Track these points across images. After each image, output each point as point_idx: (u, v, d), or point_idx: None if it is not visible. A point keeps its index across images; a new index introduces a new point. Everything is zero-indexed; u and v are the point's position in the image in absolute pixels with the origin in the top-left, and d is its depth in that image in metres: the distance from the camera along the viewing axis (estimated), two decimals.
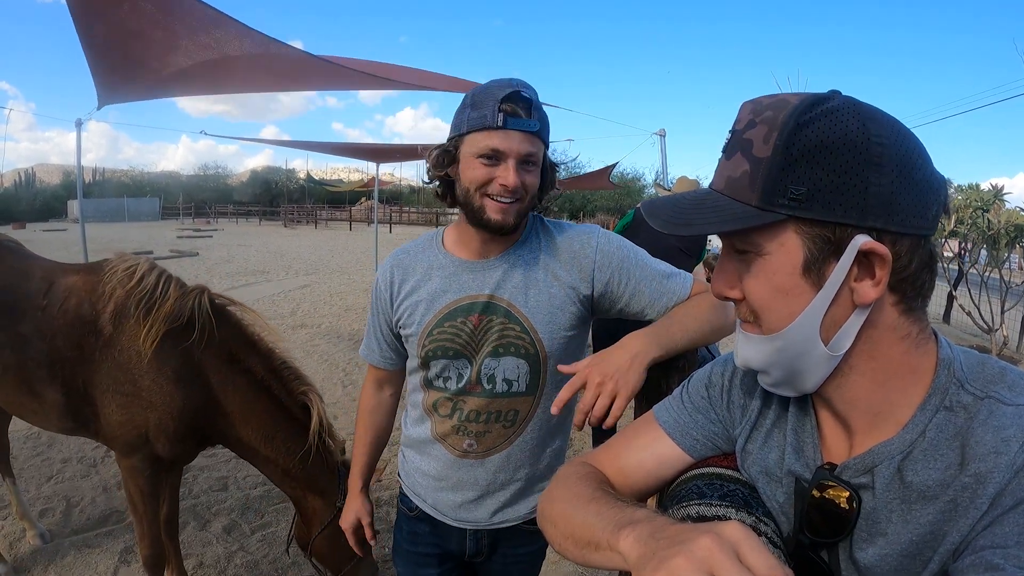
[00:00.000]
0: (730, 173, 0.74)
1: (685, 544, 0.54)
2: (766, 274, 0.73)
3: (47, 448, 4.48)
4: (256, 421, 2.33)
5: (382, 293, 1.53)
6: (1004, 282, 9.23)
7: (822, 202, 0.67)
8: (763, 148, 0.70)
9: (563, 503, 0.87)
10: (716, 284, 0.80)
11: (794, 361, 0.75)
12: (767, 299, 0.74)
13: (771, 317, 0.74)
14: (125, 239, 23.34)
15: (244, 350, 2.38)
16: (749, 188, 0.71)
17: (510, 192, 1.31)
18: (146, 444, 2.36)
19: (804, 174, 0.68)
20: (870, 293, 0.69)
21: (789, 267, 0.71)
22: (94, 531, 3.45)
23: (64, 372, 2.36)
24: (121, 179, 70.29)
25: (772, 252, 0.72)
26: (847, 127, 0.67)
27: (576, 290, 1.44)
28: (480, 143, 1.31)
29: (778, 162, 0.68)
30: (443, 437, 1.50)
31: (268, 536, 3.46)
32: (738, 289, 0.77)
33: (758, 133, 0.71)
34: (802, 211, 0.68)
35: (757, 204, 0.70)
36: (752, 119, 0.72)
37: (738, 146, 0.73)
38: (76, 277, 2.48)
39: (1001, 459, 0.64)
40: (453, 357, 1.44)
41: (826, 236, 0.69)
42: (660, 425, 0.99)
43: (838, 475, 0.77)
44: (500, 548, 1.59)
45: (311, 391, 2.39)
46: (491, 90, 1.31)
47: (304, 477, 2.32)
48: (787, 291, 0.72)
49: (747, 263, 0.75)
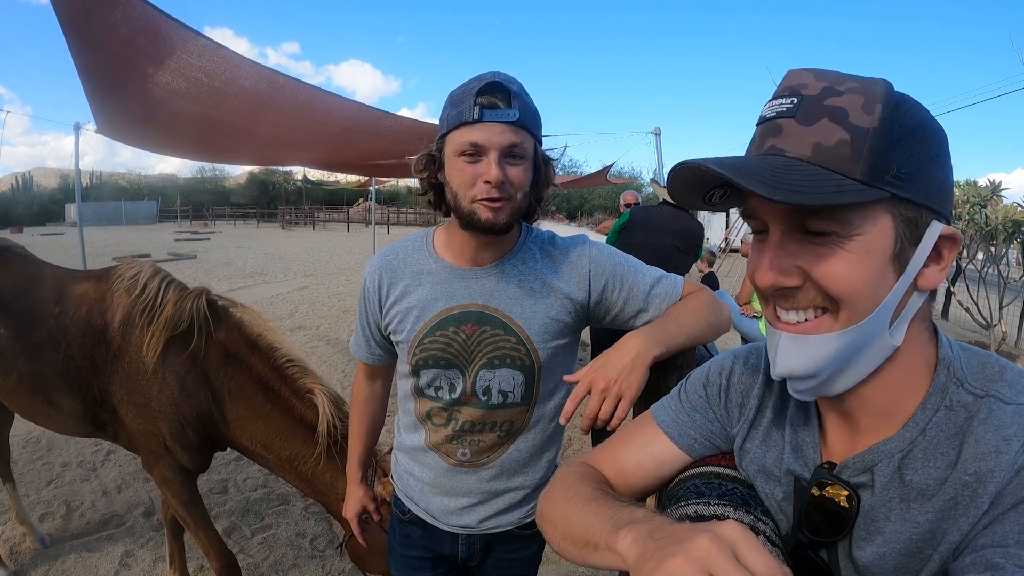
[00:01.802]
0: (819, 140, 0.66)
1: (683, 544, 0.54)
2: (859, 256, 0.67)
3: (47, 452, 4.48)
4: (254, 427, 2.28)
5: (370, 295, 1.49)
6: (1002, 278, 9.25)
7: (916, 184, 0.66)
8: (865, 118, 0.65)
9: (562, 503, 0.87)
10: (768, 274, 0.70)
11: (856, 354, 0.70)
12: (858, 284, 0.67)
13: (859, 304, 0.68)
14: (123, 243, 23.30)
15: (244, 350, 2.34)
16: (852, 159, 0.64)
17: (496, 188, 1.25)
18: (167, 453, 2.34)
19: (907, 152, 0.65)
20: (937, 277, 0.69)
21: (882, 250, 0.67)
22: (94, 535, 3.45)
23: (80, 381, 2.36)
24: (119, 182, 69.99)
25: (866, 232, 0.66)
26: (926, 113, 0.67)
27: (572, 299, 1.42)
28: (459, 140, 1.26)
29: (887, 134, 0.64)
30: (437, 446, 1.49)
31: (268, 539, 3.46)
32: (800, 275, 0.69)
33: (851, 102, 0.66)
34: (903, 191, 0.65)
35: (862, 178, 0.64)
36: (830, 86, 0.67)
37: (823, 112, 0.66)
38: (86, 285, 2.47)
39: (1002, 458, 0.64)
40: (445, 367, 1.41)
41: (913, 219, 0.67)
42: (658, 424, 0.99)
43: (837, 474, 0.77)
44: (494, 552, 1.58)
45: (318, 388, 2.27)
46: (468, 85, 1.26)
47: (322, 482, 2.23)
48: (878, 275, 0.67)
49: (823, 245, 0.68)
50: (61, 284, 2.49)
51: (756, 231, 0.75)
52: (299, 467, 2.24)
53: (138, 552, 3.29)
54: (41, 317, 2.40)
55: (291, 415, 2.27)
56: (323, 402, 2.23)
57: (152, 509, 3.71)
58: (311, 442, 2.21)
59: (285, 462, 2.27)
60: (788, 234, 0.70)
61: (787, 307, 0.72)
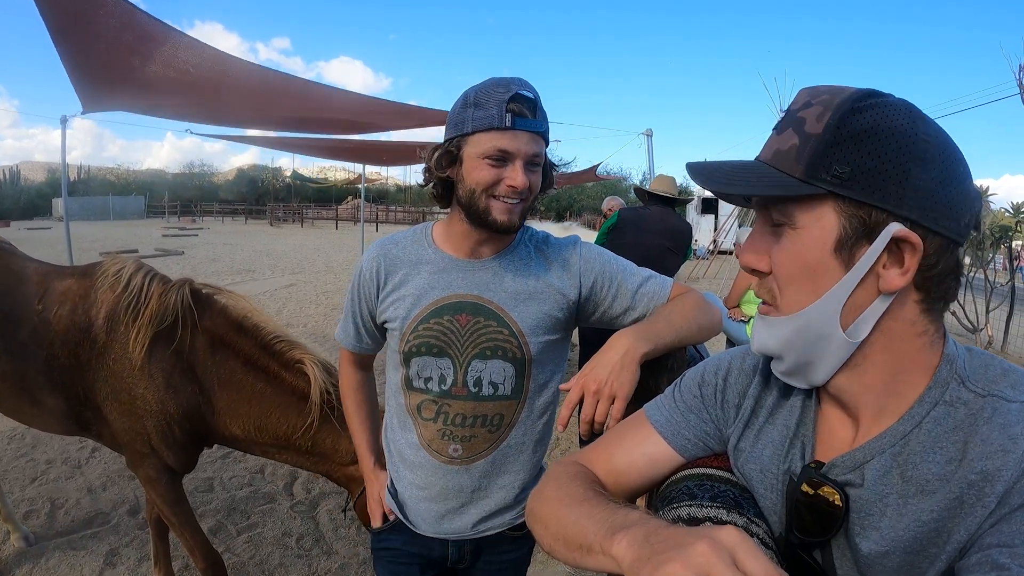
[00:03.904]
0: (779, 146, 0.76)
1: (681, 549, 0.54)
2: (798, 247, 0.74)
3: (31, 449, 4.44)
4: (246, 409, 2.26)
5: (367, 282, 1.50)
6: (989, 282, 9.33)
7: (863, 184, 0.69)
8: (815, 125, 0.72)
9: (554, 503, 0.86)
10: (745, 254, 0.81)
11: (811, 345, 0.76)
12: (794, 273, 0.75)
13: (795, 293, 0.76)
14: (110, 238, 23.15)
15: (231, 334, 2.32)
16: (795, 160, 0.73)
17: (518, 193, 1.31)
18: (152, 452, 2.32)
19: (850, 154, 0.70)
20: (896, 281, 0.70)
21: (821, 243, 0.72)
22: (79, 533, 3.42)
23: (63, 379, 2.33)
24: (106, 177, 69.58)
25: (807, 226, 0.73)
26: (897, 120, 0.69)
27: (565, 295, 1.45)
28: (487, 144, 1.29)
29: (827, 139, 0.71)
30: (428, 442, 1.48)
31: (254, 537, 3.44)
32: (766, 261, 0.79)
33: (812, 112, 0.73)
34: (843, 189, 0.70)
35: (800, 176, 0.72)
36: (809, 100, 0.74)
37: (791, 123, 0.75)
38: (70, 281, 2.44)
39: (1009, 457, 0.65)
40: (437, 355, 1.42)
41: (862, 218, 0.70)
42: (652, 424, 0.99)
43: (824, 473, 0.78)
44: (484, 555, 1.57)
45: (308, 358, 2.27)
46: (495, 89, 1.29)
47: (322, 448, 2.22)
48: (815, 267, 0.73)
49: (780, 235, 0.76)
50: (45, 280, 2.45)
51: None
52: (297, 441, 2.23)
53: (123, 550, 3.27)
54: (24, 314, 2.36)
55: (282, 388, 2.26)
56: (313, 370, 2.23)
57: (137, 507, 3.68)
58: (306, 412, 2.21)
59: (282, 440, 2.25)
60: (762, 225, 0.80)
61: (759, 291, 0.82)
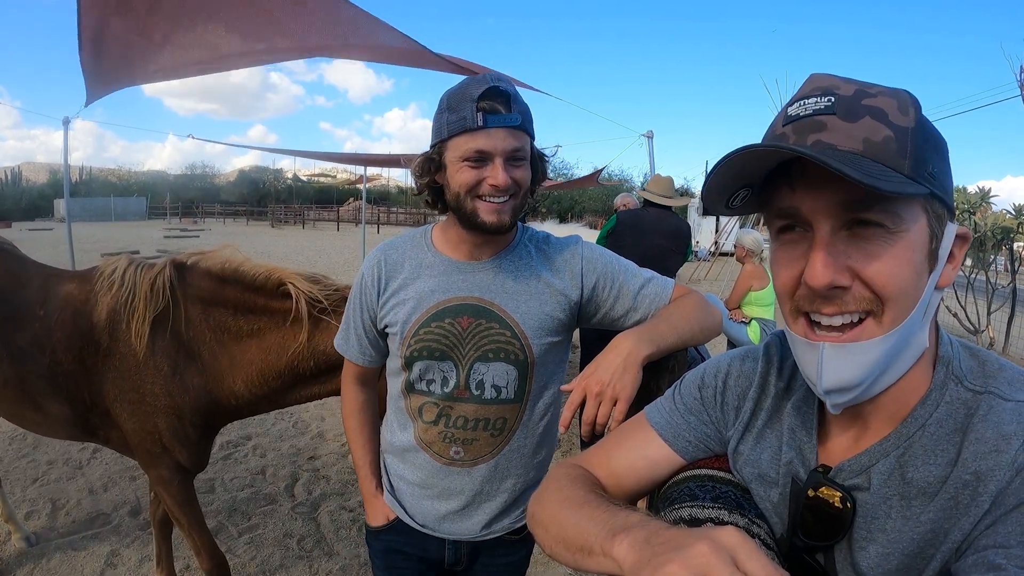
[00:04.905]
0: (867, 135, 0.65)
1: (681, 550, 0.54)
2: (908, 252, 0.66)
3: (32, 450, 4.44)
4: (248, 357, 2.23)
5: (368, 288, 1.48)
6: (990, 284, 9.31)
7: (942, 183, 0.68)
8: (903, 118, 0.66)
9: (555, 506, 0.86)
10: (825, 270, 0.66)
11: (896, 358, 0.70)
12: (904, 283, 0.66)
13: (903, 303, 0.67)
14: (112, 239, 23.14)
15: (217, 288, 2.28)
16: (899, 154, 0.65)
17: (501, 191, 1.29)
18: (165, 452, 2.31)
19: (936, 153, 0.68)
20: (951, 276, 0.70)
21: (922, 245, 0.67)
22: (80, 534, 3.42)
23: (68, 385, 2.32)
24: (108, 178, 69.68)
25: (911, 229, 0.66)
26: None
27: (566, 296, 1.43)
28: (463, 146, 1.27)
29: (921, 134, 0.66)
30: (428, 444, 1.46)
31: (255, 538, 3.44)
32: (850, 274, 0.67)
33: (886, 103, 0.66)
34: (938, 188, 0.66)
35: (908, 173, 0.64)
36: (861, 88, 0.68)
37: (864, 111, 0.66)
38: (71, 286, 2.42)
39: (1002, 457, 0.64)
40: (439, 359, 1.41)
41: (939, 216, 0.69)
42: (652, 426, 0.99)
43: (832, 477, 0.77)
44: (481, 558, 1.56)
45: (287, 275, 2.23)
46: (466, 89, 1.27)
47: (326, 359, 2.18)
48: (920, 272, 0.68)
49: (872, 242, 0.66)
50: (47, 284, 2.44)
51: (783, 230, 0.73)
52: (301, 367, 2.21)
53: (124, 551, 3.27)
54: (27, 319, 2.35)
55: (275, 318, 2.23)
56: (296, 285, 2.20)
57: (138, 508, 3.68)
58: (298, 325, 2.18)
59: (287, 376, 2.23)
60: (835, 231, 0.68)
61: (832, 311, 0.69)
